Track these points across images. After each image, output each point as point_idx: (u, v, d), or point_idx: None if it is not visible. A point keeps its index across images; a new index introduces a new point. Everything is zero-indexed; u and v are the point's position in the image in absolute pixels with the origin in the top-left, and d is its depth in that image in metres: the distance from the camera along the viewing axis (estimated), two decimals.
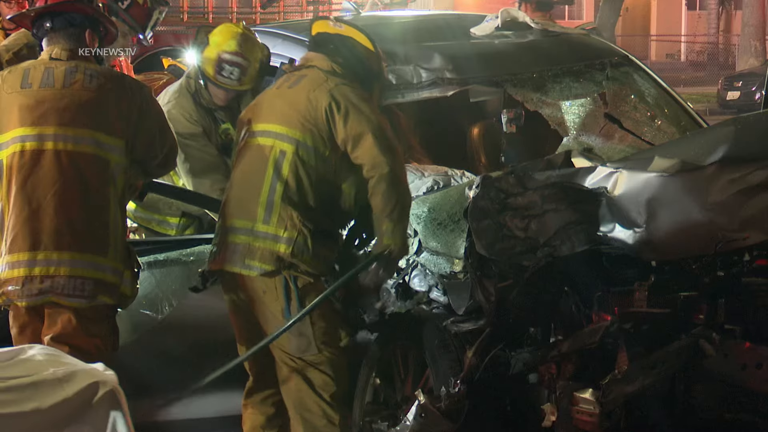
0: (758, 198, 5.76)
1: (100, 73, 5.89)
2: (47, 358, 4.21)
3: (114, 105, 5.85)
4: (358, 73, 5.99)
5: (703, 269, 5.84)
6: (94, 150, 5.81)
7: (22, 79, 5.88)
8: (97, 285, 5.77)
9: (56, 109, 5.80)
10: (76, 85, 5.83)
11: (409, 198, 5.92)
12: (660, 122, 7.38)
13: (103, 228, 5.82)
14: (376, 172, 5.74)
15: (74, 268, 5.75)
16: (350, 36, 6.02)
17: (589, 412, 5.53)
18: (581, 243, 5.90)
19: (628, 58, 7.71)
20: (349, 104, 5.77)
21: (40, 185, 5.75)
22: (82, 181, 5.78)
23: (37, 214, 5.75)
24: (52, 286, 5.73)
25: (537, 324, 5.86)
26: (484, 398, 5.77)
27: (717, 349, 5.61)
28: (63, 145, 5.77)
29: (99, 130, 5.82)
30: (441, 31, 7.64)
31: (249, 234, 5.75)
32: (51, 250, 5.74)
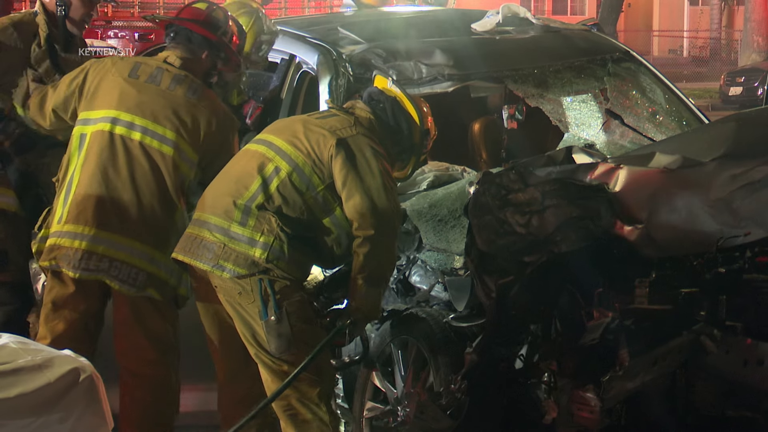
0: (759, 194, 5.76)
1: (204, 91, 6.14)
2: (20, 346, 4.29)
3: (205, 123, 6.09)
4: (393, 135, 6.00)
5: (704, 265, 5.84)
6: (172, 153, 6.05)
7: (131, 68, 6.16)
8: (149, 278, 6.02)
9: (153, 106, 6.06)
10: (178, 92, 6.10)
11: (391, 266, 5.92)
12: (661, 118, 7.37)
13: (167, 226, 6.07)
14: (361, 232, 5.74)
15: (132, 256, 6.01)
16: (402, 104, 6.02)
17: (590, 409, 5.53)
18: (582, 239, 5.89)
19: (629, 54, 7.70)
20: (357, 157, 5.77)
21: (121, 170, 6.03)
22: (157, 177, 6.04)
23: (111, 196, 6.02)
24: (110, 267, 5.99)
25: (538, 320, 5.84)
26: (484, 395, 5.76)
27: (718, 345, 5.61)
28: (149, 140, 6.05)
29: (183, 137, 6.06)
30: (442, 27, 7.63)
31: (224, 234, 5.73)
32: (116, 233, 6.01)
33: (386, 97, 6.01)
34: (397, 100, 6.01)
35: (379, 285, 5.81)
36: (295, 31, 7.46)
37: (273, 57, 7.31)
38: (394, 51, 7.05)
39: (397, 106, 6.00)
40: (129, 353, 6.06)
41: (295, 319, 5.73)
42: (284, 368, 5.74)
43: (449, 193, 6.51)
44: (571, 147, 6.75)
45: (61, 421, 4.12)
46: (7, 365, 4.17)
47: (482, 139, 7.85)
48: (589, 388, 5.56)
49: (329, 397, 5.83)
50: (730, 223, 5.76)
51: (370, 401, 6.24)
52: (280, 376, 5.75)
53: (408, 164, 6.11)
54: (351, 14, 8.14)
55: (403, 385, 6.09)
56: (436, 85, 7.02)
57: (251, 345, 5.78)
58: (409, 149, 6.05)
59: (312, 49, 7.10)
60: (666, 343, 5.63)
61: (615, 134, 7.32)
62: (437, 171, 6.82)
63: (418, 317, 6.01)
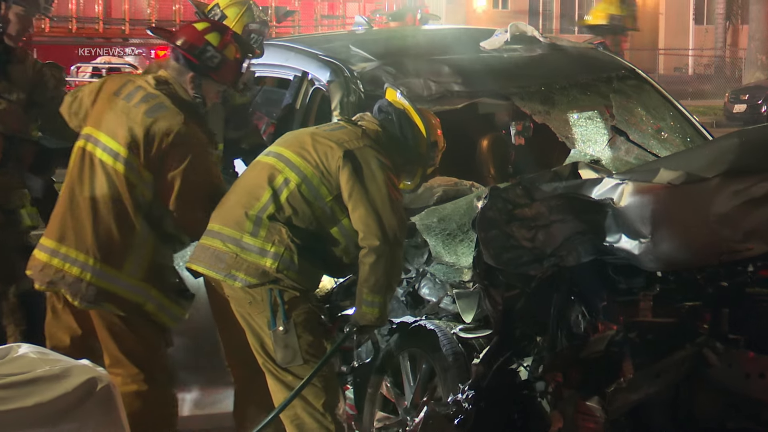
0: (762, 210, 5.76)
1: (169, 111, 5.96)
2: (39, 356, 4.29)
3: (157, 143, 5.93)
4: (400, 146, 5.98)
5: (707, 279, 5.84)
6: (124, 171, 5.95)
7: (120, 85, 6.11)
8: (101, 293, 5.94)
9: (114, 122, 5.99)
10: (141, 109, 5.98)
11: (397, 275, 5.90)
12: (666, 135, 7.37)
13: (124, 244, 5.97)
14: (366, 243, 5.73)
15: (84, 271, 5.94)
16: (409, 115, 6.01)
17: (595, 420, 5.53)
18: (587, 253, 5.90)
19: (634, 72, 7.70)
20: (365, 167, 5.77)
21: (84, 186, 6.00)
22: (113, 196, 5.95)
23: (73, 212, 6.00)
24: (62, 280, 5.97)
25: (544, 332, 5.84)
26: (491, 405, 5.76)
27: (721, 358, 5.61)
28: (106, 156, 5.99)
29: (135, 155, 5.95)
30: (451, 45, 7.64)
31: (236, 245, 5.74)
32: (72, 247, 5.97)
33: (394, 109, 6.02)
34: (405, 112, 6.02)
35: (385, 293, 5.80)
36: (308, 48, 7.47)
37: (286, 74, 7.33)
38: (404, 68, 7.06)
39: (405, 118, 6.01)
40: (112, 369, 5.92)
41: (302, 330, 5.74)
42: (288, 378, 5.75)
43: (458, 207, 6.51)
44: (577, 163, 6.74)
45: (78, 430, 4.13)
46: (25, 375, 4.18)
47: (490, 154, 7.85)
48: (593, 400, 5.56)
49: (334, 408, 5.83)
50: (733, 237, 5.76)
51: (379, 411, 6.24)
52: (285, 385, 5.76)
53: (415, 176, 6.10)
54: (362, 32, 8.15)
55: (411, 396, 6.10)
56: (445, 102, 7.03)
57: (259, 354, 5.79)
58: (416, 160, 6.05)
59: (324, 66, 7.11)
60: (669, 356, 5.63)
61: (620, 150, 7.32)
62: (446, 186, 6.82)
63: (427, 329, 6.01)
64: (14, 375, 4.16)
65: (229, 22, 6.79)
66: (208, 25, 6.21)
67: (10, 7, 6.62)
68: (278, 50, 7.44)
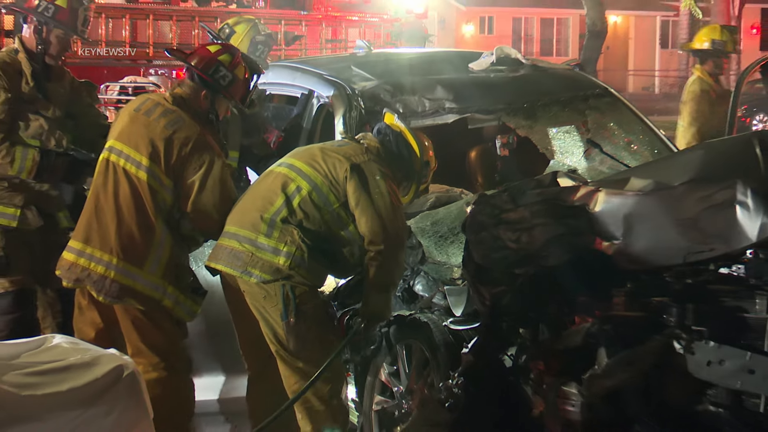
0: (722, 215, 5.74)
1: (186, 125, 5.99)
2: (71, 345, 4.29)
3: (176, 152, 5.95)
4: (396, 163, 6.00)
5: (674, 277, 5.82)
6: (146, 178, 5.95)
7: (139, 103, 6.14)
8: (124, 290, 5.94)
9: (137, 135, 5.99)
10: (160, 123, 6.00)
11: (399, 274, 5.93)
12: (636, 147, 7.37)
13: (145, 245, 5.96)
14: (372, 247, 5.75)
15: (107, 269, 5.96)
16: (405, 137, 6.02)
17: (573, 404, 5.52)
18: (566, 254, 5.89)
19: (608, 91, 7.70)
20: (369, 179, 5.78)
21: (108, 193, 6.00)
22: (136, 201, 5.96)
23: (98, 216, 6.01)
24: (89, 277, 5.98)
25: (527, 325, 5.84)
26: (479, 391, 5.75)
27: (686, 348, 5.60)
28: (129, 165, 5.98)
29: (157, 164, 5.96)
30: (443, 66, 7.63)
31: (252, 244, 5.74)
32: (97, 248, 5.98)
33: (392, 131, 6.03)
34: (402, 134, 6.02)
35: (389, 291, 5.83)
36: (314, 69, 7.47)
37: (294, 92, 7.32)
38: (400, 87, 7.06)
39: (401, 139, 6.01)
40: (134, 358, 5.85)
41: (312, 321, 5.74)
42: (299, 365, 5.74)
43: (449, 212, 6.51)
44: (556, 172, 6.73)
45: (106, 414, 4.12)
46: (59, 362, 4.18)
47: (478, 164, 7.85)
48: (572, 385, 5.54)
49: (339, 392, 5.84)
50: (697, 239, 5.75)
51: (378, 396, 6.23)
52: (296, 371, 5.75)
53: (409, 191, 6.11)
54: (362, 55, 8.14)
55: (407, 382, 6.08)
56: (438, 117, 7.03)
57: (272, 343, 5.79)
58: (410, 177, 6.06)
59: (328, 84, 7.11)
60: (641, 346, 5.62)
61: (595, 161, 7.32)
62: (438, 193, 6.81)
63: (421, 322, 6.00)
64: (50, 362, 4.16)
65: (238, 36, 6.83)
66: (220, 47, 6.21)
67: (51, 30, 6.64)
68: (287, 71, 7.44)
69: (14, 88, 6.57)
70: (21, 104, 6.58)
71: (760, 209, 5.67)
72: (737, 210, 5.71)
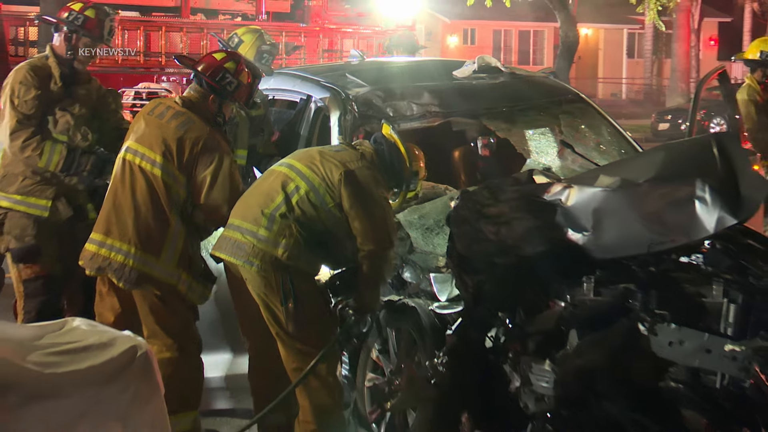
0: (683, 209, 5.75)
1: (197, 125, 6.00)
2: (90, 328, 4.28)
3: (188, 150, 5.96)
4: (388, 170, 5.97)
5: (638, 266, 5.83)
6: (161, 174, 5.96)
7: (153, 107, 6.15)
8: (142, 276, 5.94)
9: (151, 136, 6.00)
10: (172, 124, 6.01)
11: (389, 271, 5.91)
12: (604, 148, 7.36)
13: (160, 236, 5.96)
14: (363, 247, 5.74)
15: (126, 258, 5.95)
16: (397, 147, 6.00)
17: (547, 381, 5.52)
18: (541, 244, 5.89)
19: (579, 96, 7.69)
20: (362, 185, 5.77)
21: (126, 189, 6.00)
22: (152, 195, 5.96)
23: (116, 210, 6.01)
24: (109, 266, 5.97)
25: (505, 309, 5.83)
26: (462, 369, 5.74)
27: (649, 329, 5.60)
28: (145, 163, 5.99)
29: (170, 161, 5.96)
30: (429, 74, 7.62)
31: (253, 236, 5.74)
32: (117, 239, 5.97)
33: (386, 141, 6.02)
34: (395, 145, 6.01)
35: (378, 286, 5.83)
36: (312, 76, 7.45)
37: (293, 97, 7.31)
38: (391, 93, 7.04)
39: (394, 149, 6.00)
40: (149, 340, 5.93)
41: (308, 306, 5.73)
42: (298, 345, 5.74)
43: (435, 206, 6.50)
44: (532, 170, 6.74)
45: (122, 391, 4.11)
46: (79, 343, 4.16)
47: (461, 163, 7.84)
48: (545, 364, 5.54)
49: (334, 371, 5.83)
50: (660, 231, 5.75)
51: (370, 373, 6.22)
52: (295, 351, 5.75)
53: (399, 197, 6.10)
54: (356, 63, 8.13)
55: (396, 361, 6.08)
56: (425, 120, 7.02)
57: (273, 326, 5.78)
58: (400, 184, 6.05)
59: (325, 90, 7.09)
60: (608, 328, 5.62)
61: (567, 160, 7.31)
62: (425, 189, 6.80)
63: (409, 306, 6.00)
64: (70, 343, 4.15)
65: (245, 45, 6.84)
66: (226, 55, 6.21)
67: (80, 38, 6.69)
68: (288, 78, 7.42)
69: (44, 87, 6.61)
70: (50, 103, 6.62)
71: (717, 204, 5.68)
72: (696, 205, 5.72)
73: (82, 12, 6.71)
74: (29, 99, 6.55)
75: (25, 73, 6.60)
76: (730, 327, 5.54)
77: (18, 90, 6.56)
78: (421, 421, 5.85)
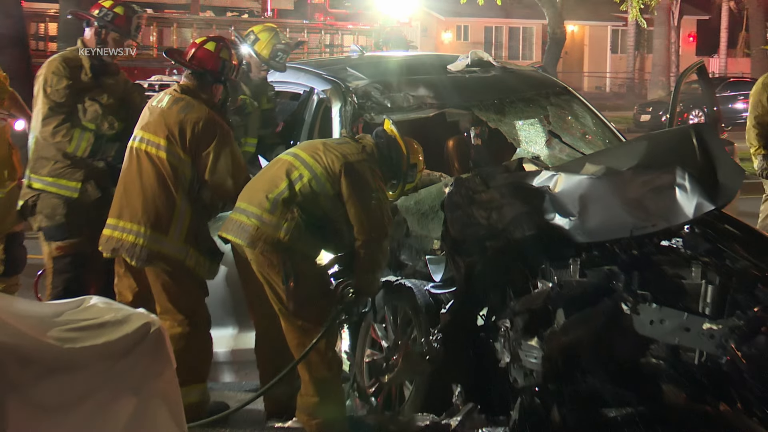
0: (663, 196, 5.76)
1: (196, 108, 6.05)
2: (106, 305, 4.29)
3: (190, 131, 6.00)
4: (387, 163, 5.96)
5: (621, 249, 5.83)
6: (166, 156, 6.00)
7: (156, 98, 6.20)
8: (153, 254, 5.99)
9: (154, 122, 6.06)
10: (173, 109, 6.06)
11: (384, 258, 5.88)
12: (590, 137, 7.35)
13: (168, 215, 5.99)
14: (360, 236, 5.74)
15: (137, 237, 6.00)
16: (396, 142, 5.99)
17: (535, 356, 5.52)
18: (530, 229, 5.90)
19: (566, 89, 7.67)
20: (361, 176, 5.76)
21: (133, 173, 6.05)
22: (158, 177, 5.99)
23: (126, 194, 6.06)
24: (122, 246, 6.02)
25: (496, 290, 5.83)
26: (455, 345, 5.75)
27: (632, 309, 5.60)
28: (150, 148, 6.04)
29: (174, 143, 6.00)
30: (425, 67, 7.60)
31: (258, 219, 5.73)
32: (128, 221, 6.02)
33: (387, 135, 6.01)
34: (394, 139, 6.01)
35: (375, 272, 5.83)
36: (314, 69, 7.43)
37: (297, 89, 7.28)
38: (389, 85, 7.02)
39: (393, 143, 5.99)
40: (162, 316, 5.96)
41: (308, 285, 5.73)
42: (299, 322, 5.75)
43: (430, 193, 6.49)
44: (522, 159, 6.75)
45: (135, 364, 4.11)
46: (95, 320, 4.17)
47: (455, 152, 7.82)
48: (534, 341, 5.54)
49: (334, 346, 5.84)
50: (641, 217, 5.76)
51: (369, 349, 6.23)
52: (296, 327, 5.76)
53: (397, 188, 6.09)
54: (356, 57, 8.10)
55: (393, 338, 6.08)
56: (421, 112, 7.00)
57: (275, 303, 5.78)
58: (398, 176, 6.04)
59: (327, 83, 7.07)
60: (593, 308, 5.63)
61: (555, 149, 7.29)
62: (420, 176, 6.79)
63: (406, 287, 6.00)
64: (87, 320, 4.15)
65: (261, 43, 6.85)
66: (215, 43, 6.27)
67: (109, 33, 6.78)
68: (292, 71, 7.39)
69: (74, 78, 6.69)
70: (80, 93, 6.69)
71: (696, 191, 5.69)
72: (676, 192, 5.72)
73: (112, 9, 6.81)
74: (61, 88, 6.63)
75: (58, 64, 6.69)
76: (708, 307, 5.55)
77: (51, 79, 6.64)
78: (417, 393, 5.85)
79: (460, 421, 5.60)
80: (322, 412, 5.77)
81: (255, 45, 6.89)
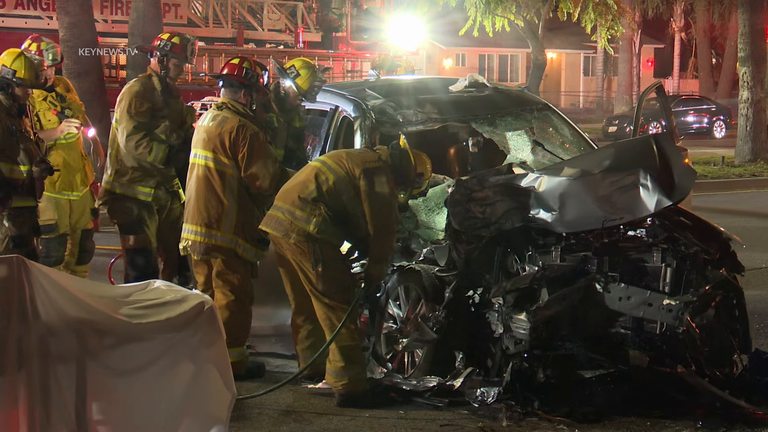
0: (628, 193, 5.75)
1: (229, 119, 6.10)
2: (167, 288, 4.29)
3: (227, 139, 6.05)
4: (398, 170, 5.89)
5: (594, 238, 5.80)
6: (213, 165, 6.09)
7: (203, 117, 6.27)
8: (209, 247, 6.09)
9: (202, 140, 6.15)
10: (212, 125, 6.14)
11: (391, 250, 5.83)
12: (568, 146, 7.30)
13: (219, 214, 6.08)
14: (372, 231, 5.71)
15: (197, 236, 6.10)
16: (406, 152, 5.93)
17: (523, 328, 5.50)
18: (518, 221, 5.87)
19: (548, 106, 7.62)
20: (375, 180, 5.71)
21: (191, 183, 6.16)
22: (209, 184, 6.08)
23: (188, 202, 6.18)
24: (190, 246, 6.16)
25: (490, 272, 5.81)
26: (456, 319, 5.73)
27: (603, 288, 5.58)
28: (201, 160, 6.14)
29: (217, 152, 6.07)
30: (430, 88, 7.57)
31: (291, 215, 5.72)
32: (190, 223, 6.14)
33: (399, 148, 5.97)
34: (405, 151, 5.96)
35: (383, 262, 5.80)
36: (338, 90, 7.40)
37: (324, 107, 7.25)
38: (400, 103, 6.99)
39: (404, 155, 5.94)
40: (216, 290, 6.10)
41: (334, 270, 5.70)
42: (326, 301, 5.72)
43: (435, 192, 6.47)
44: (511, 163, 6.72)
45: (192, 336, 4.12)
46: (159, 300, 4.17)
47: (455, 158, 7.78)
48: (522, 314, 5.52)
49: (355, 320, 5.81)
50: (611, 211, 5.74)
51: (385, 322, 6.20)
52: (324, 305, 5.74)
53: (406, 193, 6.05)
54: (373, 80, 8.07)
55: (406, 313, 6.06)
56: (427, 125, 6.97)
57: (307, 285, 5.76)
58: (406, 183, 5.98)
59: (349, 102, 7.04)
60: (571, 287, 5.60)
61: (539, 156, 7.25)
62: None
63: (415, 270, 5.97)
64: (151, 300, 4.16)
65: (302, 78, 6.72)
66: (240, 57, 6.37)
67: (170, 59, 6.78)
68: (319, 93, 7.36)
69: (151, 100, 6.73)
70: (155, 112, 6.73)
71: (656, 189, 5.67)
72: (640, 190, 5.70)
73: (170, 40, 6.82)
74: (143, 110, 6.66)
75: (138, 88, 6.72)
76: (667, 285, 5.53)
77: (134, 102, 6.66)
78: (425, 359, 5.83)
79: (462, 382, 5.58)
80: (347, 375, 5.74)
81: (296, 79, 6.81)
